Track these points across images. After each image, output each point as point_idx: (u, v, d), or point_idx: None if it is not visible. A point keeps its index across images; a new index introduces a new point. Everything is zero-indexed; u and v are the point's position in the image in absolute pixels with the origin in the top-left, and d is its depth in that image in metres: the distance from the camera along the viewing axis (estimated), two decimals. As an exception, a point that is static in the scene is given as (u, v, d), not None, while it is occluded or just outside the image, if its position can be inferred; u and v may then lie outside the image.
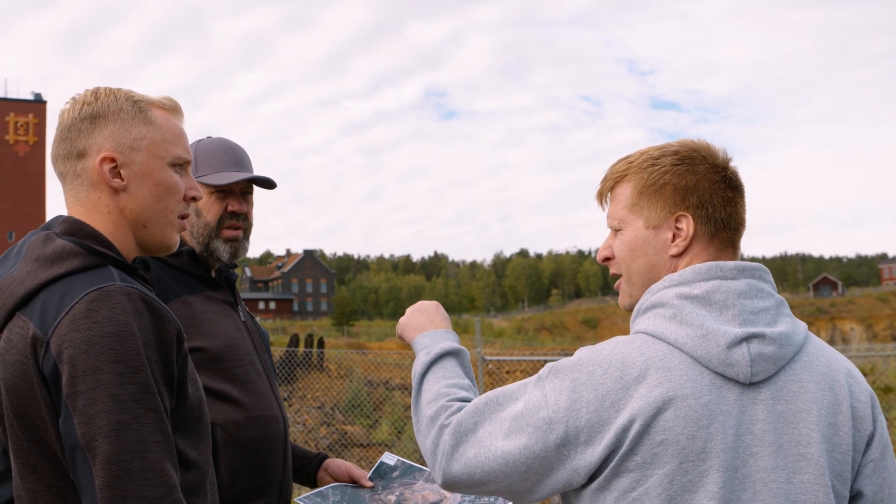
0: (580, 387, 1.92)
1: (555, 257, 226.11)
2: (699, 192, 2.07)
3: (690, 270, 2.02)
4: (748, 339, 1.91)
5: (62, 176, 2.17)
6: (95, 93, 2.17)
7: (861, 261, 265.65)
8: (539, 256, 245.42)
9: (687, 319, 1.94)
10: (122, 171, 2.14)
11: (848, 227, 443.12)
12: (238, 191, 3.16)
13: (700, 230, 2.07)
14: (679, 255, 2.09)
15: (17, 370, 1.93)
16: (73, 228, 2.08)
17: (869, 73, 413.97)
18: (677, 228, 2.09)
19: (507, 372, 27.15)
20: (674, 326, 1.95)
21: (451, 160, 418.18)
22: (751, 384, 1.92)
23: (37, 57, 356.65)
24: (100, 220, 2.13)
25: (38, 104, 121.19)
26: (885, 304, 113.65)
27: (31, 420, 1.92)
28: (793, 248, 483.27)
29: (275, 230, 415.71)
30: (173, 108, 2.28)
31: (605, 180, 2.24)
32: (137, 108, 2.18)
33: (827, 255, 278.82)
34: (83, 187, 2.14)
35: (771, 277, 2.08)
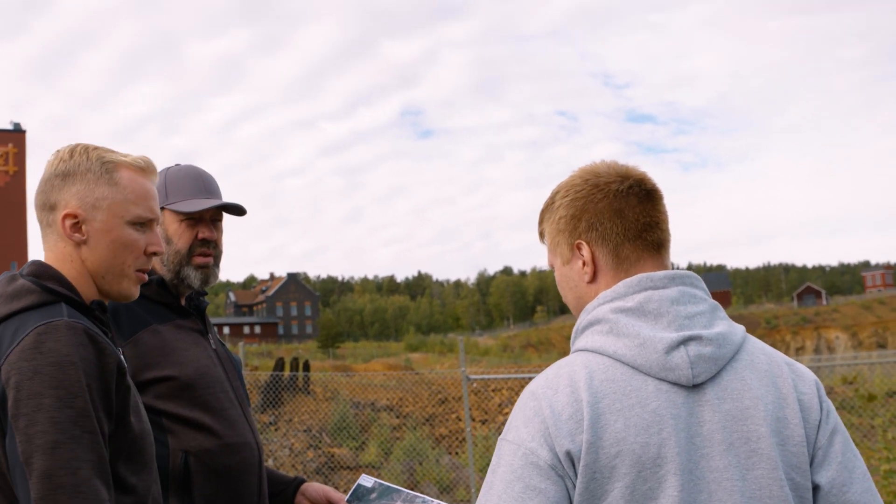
0: (539, 412, 1.93)
1: (539, 274, 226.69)
2: (586, 216, 2.13)
3: (622, 285, 2.06)
4: (685, 342, 1.94)
5: (39, 223, 2.39)
6: (72, 150, 2.37)
7: (844, 269, 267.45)
8: (523, 273, 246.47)
9: (623, 331, 1.97)
10: (83, 227, 2.34)
11: (830, 235, 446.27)
12: (208, 218, 3.15)
13: (599, 251, 2.13)
14: (593, 281, 2.15)
15: None
16: (37, 270, 2.31)
17: (845, 81, 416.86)
18: (582, 256, 2.14)
19: (493, 390, 27.17)
20: (611, 340, 1.98)
21: (430, 178, 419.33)
22: (695, 386, 1.94)
23: (10, 84, 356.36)
24: (65, 267, 2.34)
25: (17, 133, 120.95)
26: (869, 312, 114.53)
27: None
28: (776, 258, 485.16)
29: (257, 254, 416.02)
30: (144, 169, 2.44)
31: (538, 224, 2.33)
32: (105, 169, 2.37)
33: (810, 265, 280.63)
34: (53, 236, 2.36)
35: (703, 284, 2.11)
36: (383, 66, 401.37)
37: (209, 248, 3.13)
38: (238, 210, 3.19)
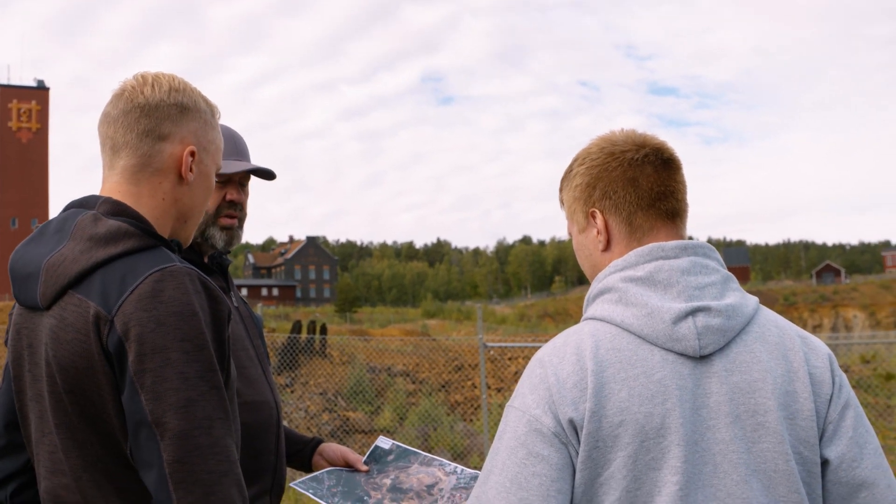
0: (545, 380, 1.93)
1: (557, 244, 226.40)
2: (601, 185, 2.14)
3: (633, 254, 2.05)
4: (693, 312, 1.93)
5: (125, 146, 2.15)
6: (183, 83, 2.23)
7: (864, 248, 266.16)
8: (542, 243, 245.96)
9: (632, 300, 1.97)
10: (193, 167, 2.20)
11: (851, 214, 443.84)
12: (237, 180, 3.13)
13: (612, 220, 2.14)
14: (606, 249, 2.16)
15: (74, 347, 1.93)
16: (117, 209, 2.09)
17: (873, 58, 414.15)
18: (596, 224, 2.15)
19: (510, 358, 27.16)
20: (620, 309, 1.98)
21: (450, 146, 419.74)
22: (702, 357, 1.93)
23: (31, 42, 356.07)
24: (150, 203, 2.16)
25: (40, 91, 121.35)
26: (888, 292, 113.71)
27: (87, 396, 1.94)
28: (796, 235, 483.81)
29: (277, 216, 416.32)
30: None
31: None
32: (212, 112, 2.29)
33: (830, 243, 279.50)
34: (148, 167, 2.15)
35: (717, 255, 2.11)
36: (405, 31, 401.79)
37: (235, 210, 3.11)
38: (268, 175, 3.19)
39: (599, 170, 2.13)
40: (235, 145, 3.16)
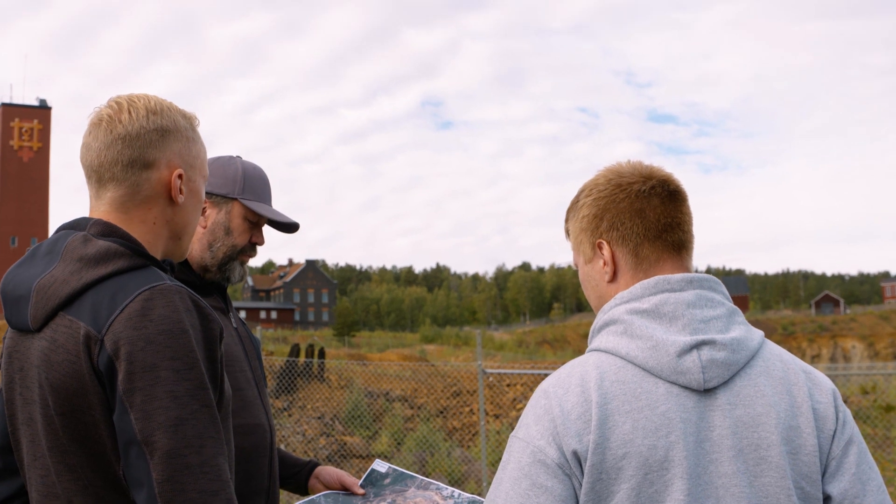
0: (549, 411, 1.93)
1: (557, 271, 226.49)
2: (608, 216, 2.14)
3: (639, 286, 2.05)
4: (698, 346, 1.93)
5: (112, 180, 2.13)
6: (158, 103, 2.19)
7: (863, 278, 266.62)
8: (541, 270, 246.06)
9: (637, 333, 1.96)
10: (182, 187, 2.19)
11: (850, 244, 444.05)
12: (263, 224, 3.20)
13: (619, 251, 2.13)
14: (613, 280, 2.15)
15: (65, 369, 1.92)
16: (108, 230, 2.08)
17: (871, 88, 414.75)
18: (603, 255, 2.15)
19: (508, 385, 27.15)
20: (625, 341, 1.97)
21: (448, 170, 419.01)
22: (706, 391, 1.93)
23: (33, 60, 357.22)
24: (141, 228, 2.15)
25: (42, 110, 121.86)
26: (887, 323, 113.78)
27: (79, 418, 1.93)
28: (795, 264, 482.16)
29: (275, 239, 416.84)
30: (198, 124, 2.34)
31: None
32: (191, 126, 2.25)
33: (829, 273, 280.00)
34: (136, 196, 2.14)
35: (723, 288, 2.10)
36: (404, 56, 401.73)
37: (255, 251, 3.19)
38: (295, 228, 3.27)
39: (606, 201, 2.14)
40: (269, 189, 3.23)
